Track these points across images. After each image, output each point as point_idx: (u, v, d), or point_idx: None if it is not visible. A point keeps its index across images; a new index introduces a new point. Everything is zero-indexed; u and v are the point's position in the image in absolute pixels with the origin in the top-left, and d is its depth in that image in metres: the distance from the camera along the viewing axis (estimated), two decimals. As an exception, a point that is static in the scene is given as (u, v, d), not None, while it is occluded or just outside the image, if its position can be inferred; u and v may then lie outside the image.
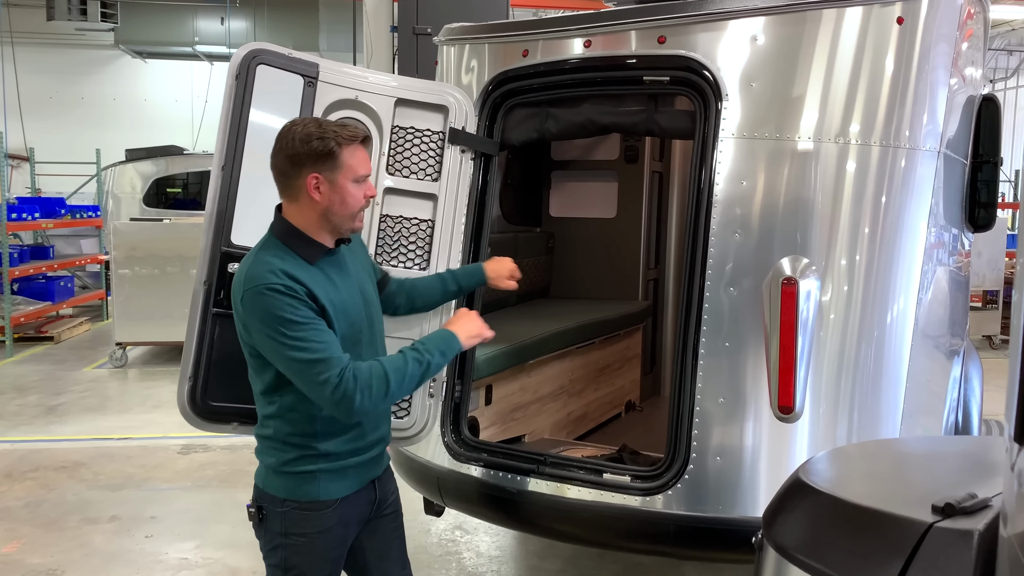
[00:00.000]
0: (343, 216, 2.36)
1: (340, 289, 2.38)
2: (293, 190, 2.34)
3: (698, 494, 2.87)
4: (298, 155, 2.29)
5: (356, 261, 2.56)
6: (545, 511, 3.10)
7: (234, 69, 3.02)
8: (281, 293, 2.22)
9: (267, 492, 2.41)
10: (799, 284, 2.80)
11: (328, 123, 2.35)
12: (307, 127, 2.31)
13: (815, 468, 1.76)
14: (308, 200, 2.33)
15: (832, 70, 2.94)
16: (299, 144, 2.28)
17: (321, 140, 2.28)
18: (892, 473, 1.78)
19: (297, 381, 2.27)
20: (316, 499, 2.37)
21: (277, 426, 2.39)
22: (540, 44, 3.36)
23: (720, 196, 2.95)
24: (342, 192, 2.33)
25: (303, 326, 2.22)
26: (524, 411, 4.16)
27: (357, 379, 2.22)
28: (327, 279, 2.36)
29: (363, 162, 2.38)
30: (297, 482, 2.38)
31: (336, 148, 2.29)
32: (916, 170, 2.97)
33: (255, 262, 2.32)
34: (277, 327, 2.21)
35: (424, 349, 2.39)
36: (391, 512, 2.63)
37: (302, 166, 2.30)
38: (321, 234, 2.38)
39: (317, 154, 2.28)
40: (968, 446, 2.02)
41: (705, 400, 2.89)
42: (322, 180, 2.31)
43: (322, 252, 2.38)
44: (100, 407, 7.87)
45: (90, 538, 4.91)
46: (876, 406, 2.90)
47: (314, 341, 2.21)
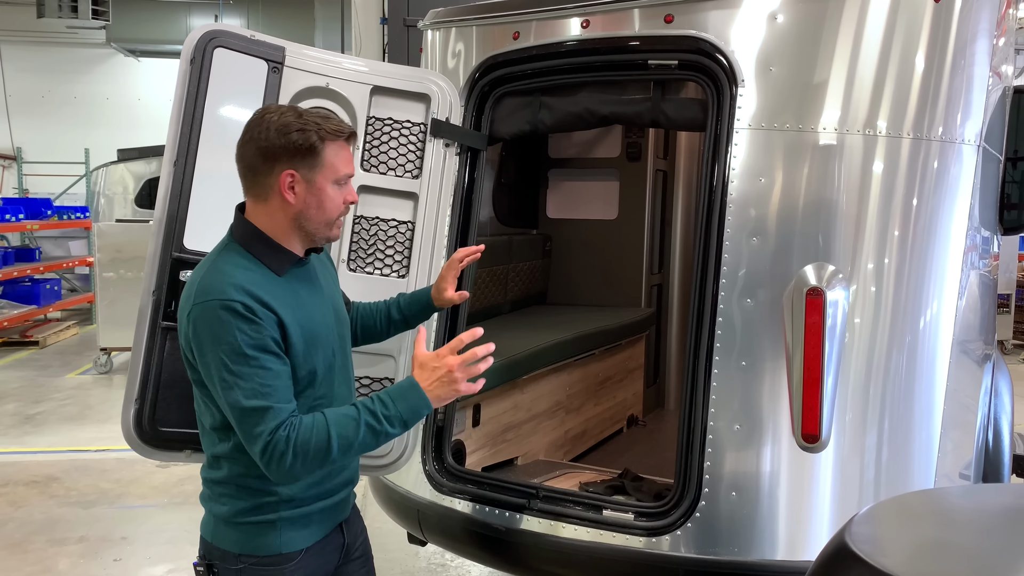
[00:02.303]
0: (319, 223, 2.03)
1: (309, 307, 2.06)
2: (262, 188, 2.00)
3: (711, 534, 2.55)
4: (272, 148, 1.95)
5: (327, 273, 2.23)
6: (537, 552, 2.79)
7: (188, 53, 2.73)
8: (237, 315, 1.88)
9: (218, 547, 2.06)
10: (826, 295, 2.48)
11: (310, 113, 2.02)
12: (284, 116, 1.98)
13: (862, 532, 1.44)
14: (279, 201, 1.99)
15: (859, 53, 2.64)
16: (275, 135, 1.95)
17: (301, 132, 1.95)
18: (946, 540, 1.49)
19: (232, 423, 1.92)
20: (277, 552, 2.05)
21: (230, 468, 2.04)
22: (533, 25, 3.05)
23: (735, 195, 2.63)
24: (320, 194, 2.00)
25: (250, 361, 1.87)
26: (517, 431, 3.86)
27: (291, 440, 1.87)
28: (294, 296, 2.03)
29: (347, 162, 2.05)
30: (254, 534, 2.04)
31: (318, 143, 1.97)
32: (952, 165, 2.67)
33: (211, 270, 1.97)
34: (222, 355, 1.87)
35: (384, 415, 1.94)
36: (360, 556, 2.31)
37: (276, 161, 1.96)
38: (291, 241, 2.05)
39: (295, 148, 1.95)
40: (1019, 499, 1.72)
41: (718, 427, 2.57)
42: (298, 179, 1.98)
43: (291, 261, 2.05)
44: (80, 416, 7.63)
45: (54, 562, 4.65)
46: (909, 435, 2.59)
47: (257, 382, 1.87)
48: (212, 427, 2.05)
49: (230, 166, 2.74)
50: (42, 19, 14.09)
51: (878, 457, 2.57)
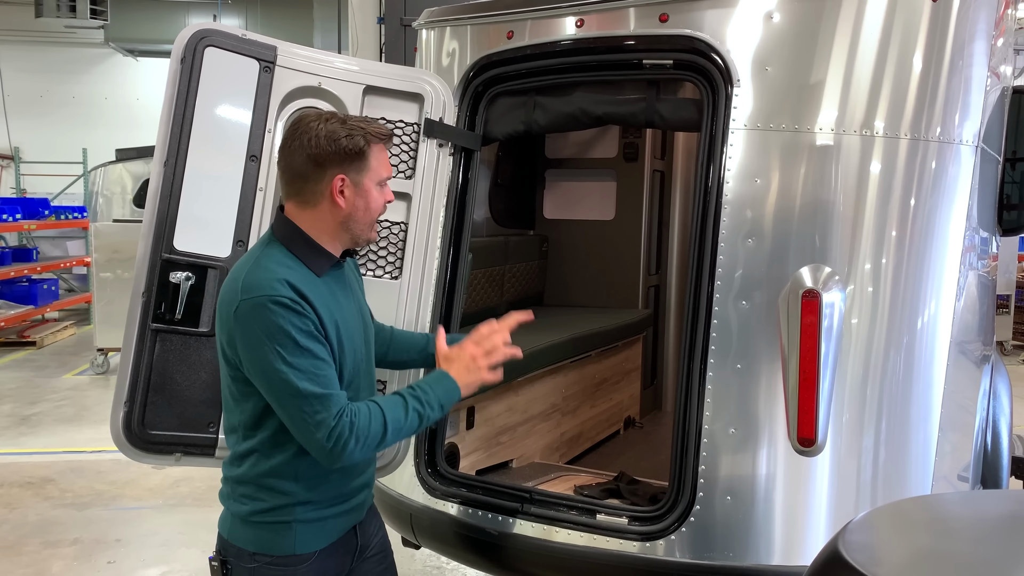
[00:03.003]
0: (364, 224, 2.12)
1: (343, 308, 2.12)
2: (312, 194, 2.06)
3: (705, 539, 2.52)
4: (324, 155, 2.02)
5: (356, 279, 2.30)
6: (530, 557, 2.75)
7: (179, 52, 2.70)
8: (287, 308, 1.93)
9: (234, 544, 2.10)
10: (822, 297, 2.45)
11: (351, 118, 2.10)
12: (331, 124, 2.04)
13: (855, 540, 1.41)
14: (330, 205, 2.07)
15: (856, 53, 2.60)
16: (325, 142, 2.01)
17: (350, 138, 2.03)
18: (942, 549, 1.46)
19: (285, 414, 1.97)
20: (292, 553, 2.08)
21: (253, 466, 2.08)
22: (527, 25, 3.01)
23: (730, 196, 2.60)
24: (367, 196, 2.09)
25: (307, 352, 1.94)
26: (511, 434, 3.82)
27: (354, 425, 1.96)
28: (331, 296, 2.09)
29: (387, 163, 2.15)
30: (270, 533, 2.08)
31: (366, 147, 2.06)
32: (950, 166, 2.64)
33: (255, 267, 2.02)
34: (277, 347, 1.92)
35: (426, 401, 2.11)
36: (377, 554, 2.33)
37: (327, 167, 2.03)
38: (333, 243, 2.12)
39: (345, 153, 2.03)
40: (1018, 506, 1.69)
41: (713, 431, 2.54)
42: (348, 183, 2.06)
43: (330, 263, 2.12)
44: (76, 417, 7.60)
45: (48, 564, 4.62)
46: (906, 438, 2.56)
47: (316, 373, 1.95)
48: (241, 424, 2.08)
49: (221, 167, 2.73)
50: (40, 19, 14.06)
51: (875, 460, 2.54)
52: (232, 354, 2.02)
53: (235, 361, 2.02)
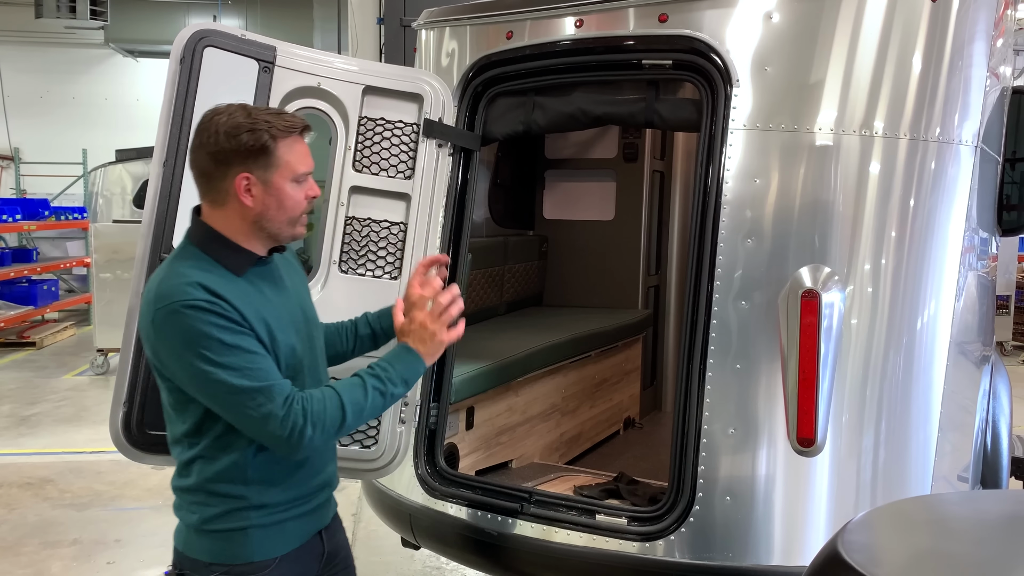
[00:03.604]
0: (280, 222, 1.99)
1: (275, 305, 2.02)
2: (219, 193, 1.95)
3: (705, 540, 2.52)
4: (224, 152, 1.91)
5: (294, 274, 2.19)
6: (530, 557, 2.75)
7: (178, 52, 2.69)
8: (204, 310, 1.85)
9: (189, 556, 2.02)
10: (821, 297, 2.45)
11: (259, 111, 1.97)
12: (233, 117, 1.91)
13: (855, 540, 1.41)
14: (237, 205, 1.95)
15: (856, 52, 2.60)
16: (224, 139, 1.90)
17: (252, 133, 1.90)
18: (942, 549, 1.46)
19: (231, 415, 1.90)
20: (249, 560, 1.99)
21: (200, 474, 2.00)
22: (527, 25, 3.01)
23: (730, 196, 2.60)
24: (279, 194, 1.96)
25: (235, 349, 1.86)
26: (511, 434, 3.82)
27: (307, 411, 1.89)
28: (257, 294, 1.99)
29: (303, 157, 2.00)
30: (225, 542, 1.99)
31: (270, 142, 1.92)
32: (950, 166, 2.64)
33: (168, 275, 1.93)
34: (201, 351, 1.84)
35: (387, 377, 2.02)
36: (343, 568, 2.26)
37: (229, 165, 1.92)
38: (252, 242, 2.01)
39: (247, 150, 1.90)
40: (1015, 506, 1.69)
41: (713, 431, 2.54)
42: (254, 181, 1.93)
43: (251, 261, 2.01)
44: (75, 417, 7.59)
45: (47, 565, 4.62)
46: (906, 438, 2.56)
47: (250, 367, 1.86)
48: (183, 434, 2.01)
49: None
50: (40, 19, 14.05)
51: (874, 461, 2.54)
52: (161, 366, 1.94)
53: (165, 372, 1.94)
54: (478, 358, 3.55)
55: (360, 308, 2.85)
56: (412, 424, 2.88)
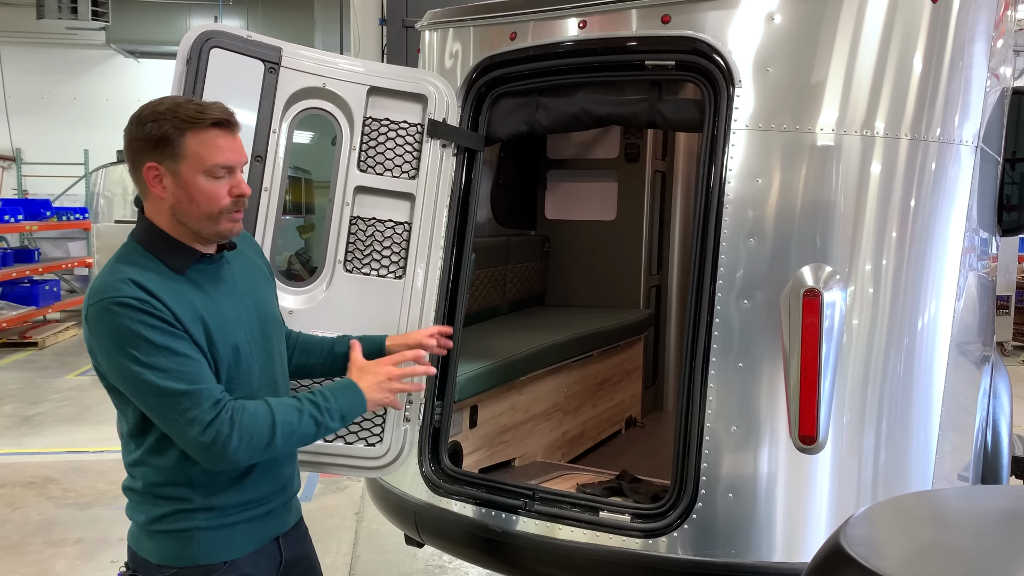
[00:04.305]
0: (195, 217, 1.91)
1: (219, 304, 1.97)
2: (140, 184, 1.93)
3: (707, 536, 2.53)
4: (134, 140, 1.89)
5: (250, 271, 2.13)
6: (534, 554, 2.77)
7: (184, 53, 2.71)
8: (133, 308, 1.80)
9: (140, 556, 2.01)
10: (822, 296, 2.47)
11: (180, 101, 1.93)
12: (150, 106, 1.89)
13: (857, 534, 1.42)
14: (155, 197, 1.92)
15: (857, 53, 2.62)
16: (135, 127, 1.88)
17: (156, 123, 1.86)
18: (944, 543, 1.47)
19: (157, 418, 1.86)
20: (195, 563, 1.95)
21: (144, 475, 1.97)
22: (530, 26, 3.03)
23: (732, 196, 2.61)
24: (188, 187, 1.89)
25: (164, 350, 1.81)
26: (514, 433, 3.83)
27: (235, 422, 1.83)
28: (197, 293, 1.94)
29: (218, 150, 1.90)
30: (172, 542, 1.96)
31: (172, 132, 1.86)
32: (950, 166, 2.65)
33: (107, 270, 1.90)
34: (129, 349, 1.80)
35: (326, 408, 1.97)
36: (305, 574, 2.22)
37: (140, 154, 1.89)
38: (189, 238, 1.96)
39: (151, 139, 1.87)
40: (1017, 501, 1.70)
41: (715, 429, 2.55)
42: (163, 172, 1.89)
43: (192, 259, 1.95)
44: (78, 417, 7.60)
45: (51, 563, 4.64)
46: (908, 436, 2.58)
47: (179, 369, 1.82)
48: (127, 434, 1.99)
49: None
50: (42, 20, 14.10)
51: (876, 459, 2.55)
52: (97, 363, 1.91)
53: (101, 370, 1.91)
54: (481, 357, 3.57)
55: (365, 307, 2.88)
56: (416, 422, 2.90)
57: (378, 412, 2.85)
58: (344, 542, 4.80)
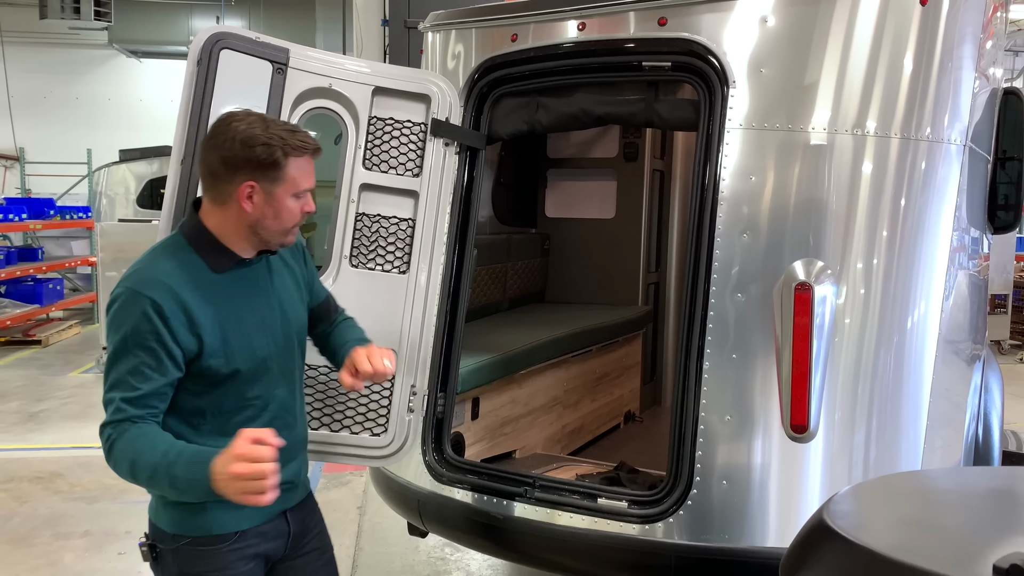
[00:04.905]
0: (274, 231, 2.09)
1: (242, 308, 2.10)
2: (221, 194, 2.05)
3: (702, 522, 2.62)
4: (235, 159, 1.99)
5: (285, 275, 2.26)
6: (534, 539, 2.85)
7: (195, 54, 2.77)
8: (140, 309, 1.94)
9: (158, 527, 2.13)
10: (814, 290, 2.54)
11: (275, 125, 2.06)
12: (252, 127, 2.00)
13: (840, 509, 1.50)
14: (237, 209, 2.04)
15: (849, 54, 2.69)
16: (239, 146, 1.99)
17: (266, 147, 1.99)
18: (927, 517, 1.53)
19: None
20: (208, 533, 2.09)
21: None
22: (531, 28, 3.11)
23: (726, 193, 2.69)
24: (278, 206, 2.05)
25: (129, 356, 1.94)
26: (514, 425, 3.91)
27: (113, 445, 1.92)
28: (227, 296, 2.08)
29: (308, 175, 2.09)
30: (186, 514, 2.09)
31: (282, 159, 2.01)
32: (940, 165, 2.73)
33: (148, 256, 2.06)
34: (114, 333, 1.96)
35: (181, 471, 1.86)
36: (314, 550, 2.33)
37: (238, 171, 2.01)
38: (240, 243, 2.10)
39: (258, 162, 1.99)
40: (1003, 481, 1.77)
41: (710, 418, 2.63)
42: (258, 190, 2.03)
43: (232, 262, 2.10)
44: (82, 414, 7.65)
45: (59, 555, 4.69)
46: (897, 425, 2.65)
47: (121, 378, 1.94)
48: None
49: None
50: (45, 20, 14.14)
51: (866, 446, 2.63)
52: None
53: None
54: (483, 351, 3.64)
55: (369, 300, 2.95)
56: (420, 413, 2.98)
57: (382, 403, 2.93)
58: (347, 535, 4.87)
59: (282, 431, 2.04)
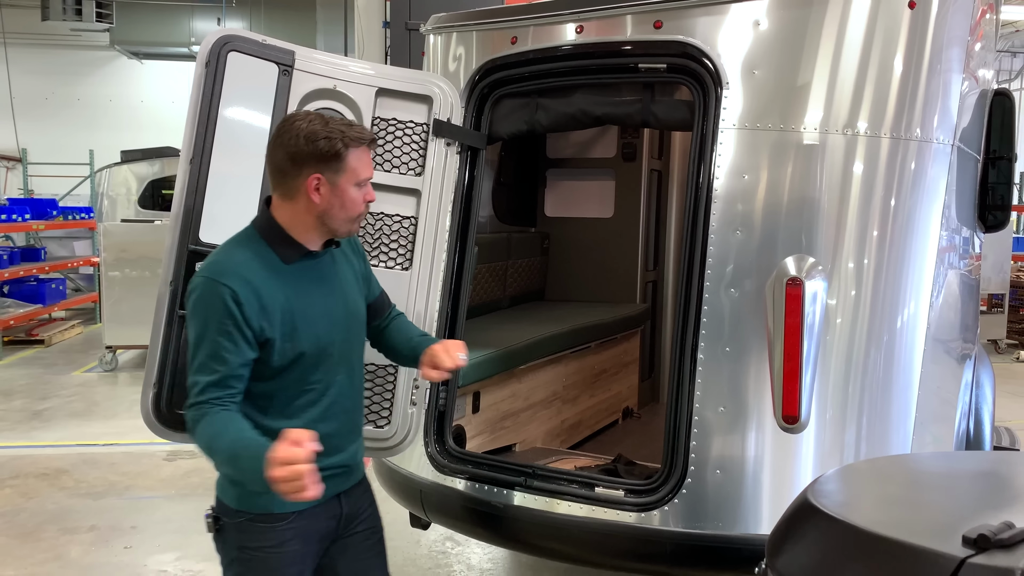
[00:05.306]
0: (341, 220, 2.25)
1: (311, 297, 2.25)
2: (290, 189, 2.21)
3: (696, 510, 2.69)
4: (301, 153, 2.16)
5: (348, 270, 2.42)
6: (533, 527, 2.92)
7: (203, 57, 2.85)
8: (219, 298, 2.10)
9: (223, 502, 2.29)
10: (804, 285, 2.62)
11: (334, 121, 2.23)
12: (312, 124, 2.17)
13: (825, 489, 1.57)
14: (305, 201, 2.21)
15: (840, 56, 2.77)
16: (303, 142, 2.15)
17: (328, 140, 2.15)
18: (911, 496, 1.59)
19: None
20: (269, 511, 2.23)
21: None
22: (530, 30, 3.19)
23: (720, 191, 2.77)
24: (343, 196, 2.21)
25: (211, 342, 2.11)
26: (515, 419, 3.98)
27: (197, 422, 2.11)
28: (295, 285, 2.23)
29: (367, 165, 2.26)
30: (250, 493, 2.22)
31: (343, 150, 2.17)
32: (928, 164, 2.80)
33: (224, 249, 2.24)
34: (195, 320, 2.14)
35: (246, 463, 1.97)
36: (365, 529, 2.46)
37: (303, 165, 2.17)
38: (309, 235, 2.26)
39: (322, 154, 2.16)
40: (989, 464, 1.83)
41: (704, 409, 2.71)
42: (323, 182, 2.19)
43: (300, 254, 2.26)
44: (86, 412, 7.72)
45: (66, 549, 4.76)
46: (886, 415, 2.72)
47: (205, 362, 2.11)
48: None
49: (243, 164, 2.89)
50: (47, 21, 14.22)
51: (857, 436, 2.70)
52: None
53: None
54: (484, 346, 3.71)
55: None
56: (422, 406, 3.05)
57: (386, 396, 3.00)
58: (350, 529, 4.93)
59: (340, 416, 2.31)
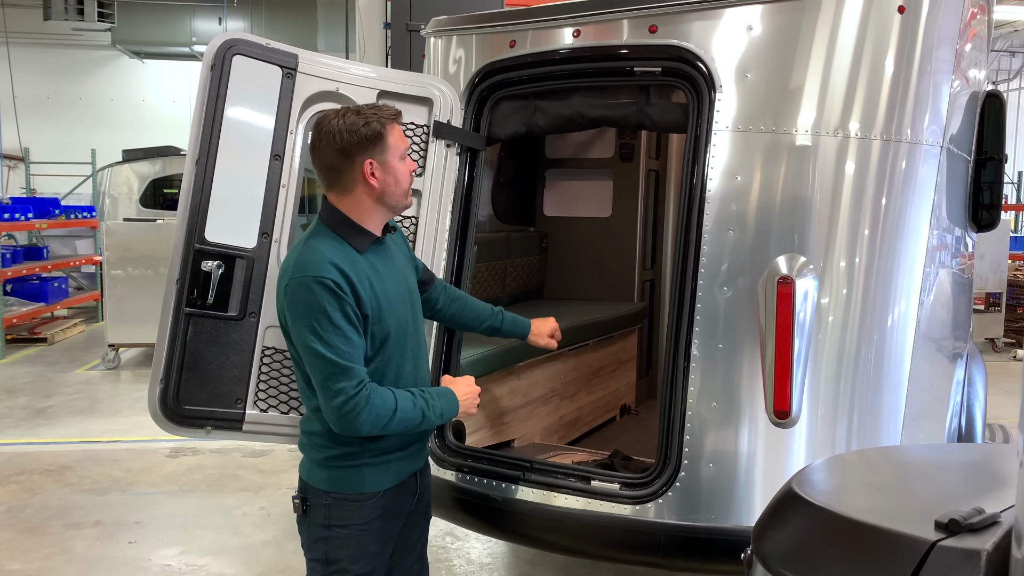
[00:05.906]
0: (398, 195, 2.38)
1: (385, 282, 2.38)
2: (347, 182, 2.34)
3: (690, 502, 2.76)
4: (349, 146, 2.28)
5: (400, 253, 2.56)
6: (531, 520, 2.99)
7: (209, 60, 2.92)
8: (328, 289, 2.21)
9: (311, 484, 2.41)
10: (795, 283, 2.69)
11: (361, 107, 2.36)
12: (347, 117, 2.29)
13: (809, 478, 1.64)
14: (364, 188, 2.33)
15: (831, 60, 2.83)
16: (348, 135, 2.27)
17: (367, 125, 2.28)
18: (892, 484, 1.66)
19: (314, 380, 2.27)
20: (360, 491, 2.38)
21: (322, 421, 2.35)
22: (528, 34, 3.25)
23: (713, 192, 2.83)
24: (395, 172, 2.35)
25: (339, 330, 2.21)
26: (513, 415, 4.05)
27: (370, 400, 2.23)
28: (372, 269, 2.35)
29: (402, 137, 2.40)
30: (341, 474, 2.38)
31: (382, 129, 2.30)
32: (918, 165, 2.86)
33: (305, 249, 2.31)
34: (312, 321, 2.21)
35: (432, 405, 2.38)
36: (424, 506, 2.63)
37: (355, 156, 2.29)
38: (374, 220, 2.39)
39: (367, 139, 2.28)
40: (974, 455, 1.89)
41: (698, 404, 2.78)
42: (376, 165, 2.31)
43: (371, 240, 2.38)
44: (90, 409, 7.77)
45: (72, 544, 4.82)
46: (876, 411, 2.79)
47: (343, 348, 2.21)
48: (308, 385, 2.36)
49: (248, 165, 2.96)
50: (48, 21, 14.28)
51: (848, 432, 2.76)
52: (284, 323, 2.31)
53: (286, 330, 2.31)
54: (483, 342, 3.76)
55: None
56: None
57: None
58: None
59: None
